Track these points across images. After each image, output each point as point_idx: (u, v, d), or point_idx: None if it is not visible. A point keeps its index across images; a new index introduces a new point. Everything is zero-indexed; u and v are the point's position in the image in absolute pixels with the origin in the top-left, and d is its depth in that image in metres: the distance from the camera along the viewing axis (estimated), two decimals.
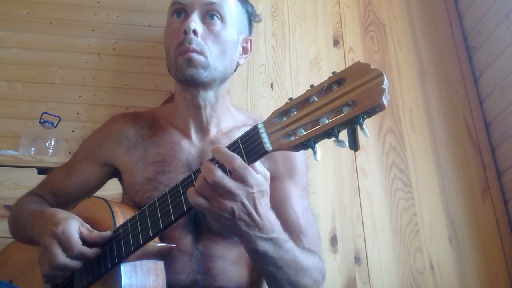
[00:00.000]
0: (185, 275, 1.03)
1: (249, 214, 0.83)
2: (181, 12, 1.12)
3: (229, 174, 0.81)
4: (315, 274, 0.99)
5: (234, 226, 0.84)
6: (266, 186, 0.85)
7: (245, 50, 1.22)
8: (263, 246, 0.87)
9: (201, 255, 1.05)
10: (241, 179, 0.80)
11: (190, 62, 1.06)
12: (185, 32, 1.07)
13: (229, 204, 0.81)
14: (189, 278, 1.03)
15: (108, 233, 0.97)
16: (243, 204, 0.81)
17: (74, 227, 0.96)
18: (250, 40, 1.23)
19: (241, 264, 1.09)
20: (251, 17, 1.25)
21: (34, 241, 1.06)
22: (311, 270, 0.98)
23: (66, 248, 0.94)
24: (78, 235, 0.96)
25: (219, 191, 0.80)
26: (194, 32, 1.07)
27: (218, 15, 1.11)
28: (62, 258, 0.94)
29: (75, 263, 0.95)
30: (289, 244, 0.92)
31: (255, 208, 0.83)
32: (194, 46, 1.06)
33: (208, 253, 1.06)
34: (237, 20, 1.16)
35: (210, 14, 1.10)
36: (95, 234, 0.97)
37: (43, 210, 1.10)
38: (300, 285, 0.96)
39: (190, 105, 1.15)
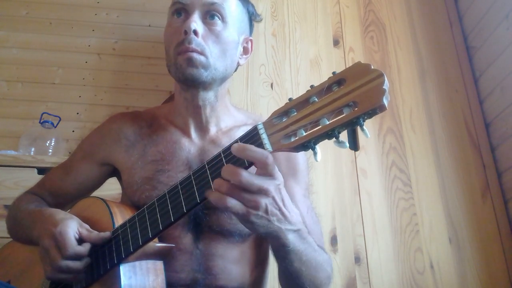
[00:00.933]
0: (185, 274, 1.03)
1: (279, 208, 0.83)
2: (181, 11, 1.12)
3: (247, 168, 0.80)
4: (329, 269, 1.00)
5: (268, 224, 0.83)
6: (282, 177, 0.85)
7: (245, 51, 1.21)
8: (292, 239, 0.87)
9: (202, 254, 1.05)
10: (271, 174, 0.80)
11: (190, 62, 1.06)
12: (186, 32, 1.06)
13: (263, 200, 0.80)
14: (189, 277, 1.03)
15: (107, 233, 0.97)
16: (273, 198, 0.81)
17: (72, 227, 0.96)
18: (251, 41, 1.23)
19: (242, 263, 1.09)
20: (252, 17, 1.25)
21: (32, 241, 1.05)
22: (326, 265, 0.98)
23: (61, 248, 0.93)
24: (74, 236, 0.95)
25: (251, 190, 0.79)
26: (195, 32, 1.06)
27: (219, 15, 1.10)
28: (63, 259, 0.93)
29: (76, 264, 0.94)
30: (310, 237, 0.93)
31: (283, 201, 0.83)
32: (194, 46, 1.06)
33: (209, 252, 1.06)
34: (238, 20, 1.16)
35: (211, 14, 1.10)
36: (94, 234, 0.97)
37: (41, 210, 1.09)
38: (317, 281, 0.96)
39: (190, 105, 1.15)
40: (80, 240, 0.96)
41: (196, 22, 1.07)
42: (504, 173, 1.92)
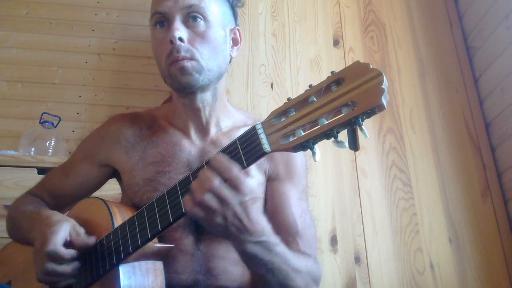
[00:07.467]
0: (186, 275, 1.04)
1: (240, 220, 0.84)
2: (163, 21, 1.10)
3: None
4: (306, 278, 0.99)
5: (226, 231, 0.85)
6: (258, 191, 0.86)
7: (235, 42, 1.20)
8: (253, 248, 0.88)
9: (203, 255, 1.06)
10: (236, 188, 0.81)
11: (184, 70, 1.05)
12: (172, 42, 1.05)
13: (221, 210, 0.82)
14: (190, 278, 1.04)
15: (91, 239, 0.98)
16: (235, 211, 0.82)
17: (64, 229, 0.96)
18: (238, 30, 1.20)
19: (242, 264, 1.08)
20: (233, 5, 1.22)
21: (30, 243, 1.05)
22: (302, 274, 0.98)
23: (44, 245, 0.93)
24: (63, 237, 0.96)
25: (214, 197, 0.81)
26: (180, 39, 1.05)
27: (200, 16, 1.09)
28: (50, 262, 0.93)
29: (63, 268, 0.94)
30: (280, 247, 0.92)
31: (247, 215, 0.84)
32: (183, 53, 1.05)
33: (210, 253, 1.06)
34: (220, 14, 1.14)
35: (192, 17, 1.08)
36: (80, 239, 0.97)
37: (39, 212, 1.09)
38: None
39: (189, 109, 1.15)
40: (70, 243, 0.97)
41: (179, 29, 1.06)
42: (504, 173, 1.92)
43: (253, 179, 0.85)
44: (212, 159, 0.83)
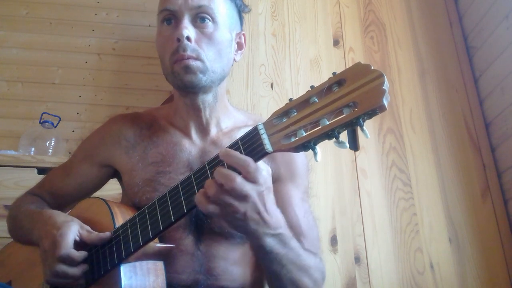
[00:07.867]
0: (186, 275, 1.04)
1: (259, 213, 0.83)
2: (171, 18, 1.10)
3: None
4: (316, 274, 1.00)
5: (245, 226, 0.84)
6: (270, 181, 0.86)
7: (239, 46, 1.20)
8: (270, 242, 0.88)
9: (203, 255, 1.06)
10: (254, 180, 0.81)
11: (188, 69, 1.05)
12: (179, 40, 1.05)
13: (243, 206, 0.81)
14: (190, 278, 1.04)
15: (106, 234, 0.97)
16: (254, 203, 0.82)
17: (72, 230, 0.96)
18: (244, 35, 1.21)
19: (243, 264, 1.09)
20: (241, 9, 1.23)
21: (32, 242, 1.06)
22: (313, 270, 0.98)
23: (56, 248, 0.93)
24: (75, 238, 0.96)
25: (233, 196, 0.80)
26: (188, 38, 1.05)
27: (209, 17, 1.09)
28: (61, 264, 0.93)
29: (73, 270, 0.94)
30: (294, 242, 0.93)
31: (264, 206, 0.84)
32: (189, 52, 1.05)
33: (210, 253, 1.06)
34: (228, 17, 1.14)
35: (200, 17, 1.08)
36: (94, 235, 0.97)
37: (41, 212, 1.09)
38: (301, 285, 0.96)
39: (190, 109, 1.15)
40: (81, 242, 0.97)
41: (187, 28, 1.06)
42: (504, 173, 1.92)
43: (264, 170, 0.84)
44: (224, 154, 0.81)
